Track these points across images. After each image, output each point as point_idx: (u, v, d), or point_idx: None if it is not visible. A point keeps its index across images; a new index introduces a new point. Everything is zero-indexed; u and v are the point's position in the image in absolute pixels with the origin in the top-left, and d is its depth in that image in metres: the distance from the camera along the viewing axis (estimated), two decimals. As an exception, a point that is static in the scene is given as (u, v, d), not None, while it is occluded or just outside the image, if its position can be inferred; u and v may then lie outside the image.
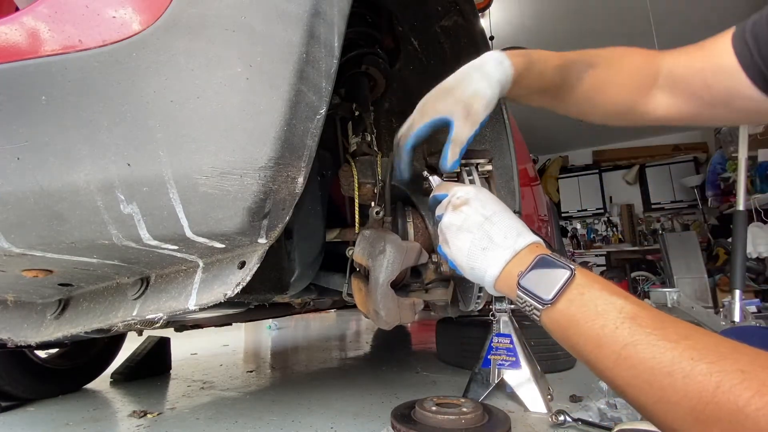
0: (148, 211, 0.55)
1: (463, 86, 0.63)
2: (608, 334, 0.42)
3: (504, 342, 1.32)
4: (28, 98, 0.51)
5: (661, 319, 0.41)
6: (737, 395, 0.33)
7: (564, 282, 0.47)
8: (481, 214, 0.56)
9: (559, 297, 0.47)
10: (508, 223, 0.55)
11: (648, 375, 0.39)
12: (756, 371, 0.34)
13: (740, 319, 2.09)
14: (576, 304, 0.46)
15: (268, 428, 1.12)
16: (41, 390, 1.52)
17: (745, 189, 2.29)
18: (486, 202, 0.57)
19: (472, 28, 1.02)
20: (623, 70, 0.70)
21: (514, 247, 0.52)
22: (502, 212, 0.56)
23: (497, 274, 0.53)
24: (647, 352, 0.39)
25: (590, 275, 0.48)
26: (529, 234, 0.54)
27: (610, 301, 0.44)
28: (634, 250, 6.24)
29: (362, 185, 0.85)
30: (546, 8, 3.95)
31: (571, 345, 0.47)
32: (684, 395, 0.36)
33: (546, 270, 0.49)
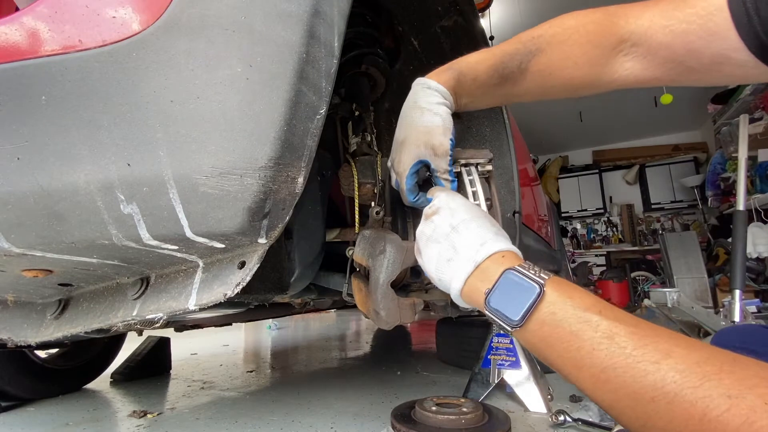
0: (148, 211, 0.55)
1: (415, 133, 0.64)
2: (585, 356, 0.40)
3: (504, 342, 1.32)
4: (28, 98, 0.51)
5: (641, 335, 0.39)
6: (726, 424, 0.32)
7: (532, 302, 0.44)
8: (449, 224, 0.54)
9: (528, 318, 0.44)
10: (474, 233, 0.52)
11: (630, 400, 0.37)
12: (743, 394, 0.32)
13: (740, 319, 2.09)
14: (548, 325, 0.44)
15: (268, 428, 1.12)
16: (41, 390, 1.52)
17: (745, 189, 2.29)
18: (455, 211, 0.56)
19: (472, 28, 1.02)
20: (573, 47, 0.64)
21: (474, 259, 0.50)
22: (471, 221, 0.54)
23: (460, 287, 0.51)
24: (627, 376, 0.37)
25: (564, 288, 0.45)
26: (494, 243, 0.51)
27: (584, 319, 0.41)
28: (634, 250, 6.24)
29: (362, 185, 0.85)
30: (546, 8, 3.95)
31: (548, 363, 0.45)
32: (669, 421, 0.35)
33: (512, 287, 0.46)
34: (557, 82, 0.66)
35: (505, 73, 0.66)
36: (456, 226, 0.54)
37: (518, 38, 0.66)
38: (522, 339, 0.47)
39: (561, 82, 0.66)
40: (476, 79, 0.66)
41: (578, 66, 0.64)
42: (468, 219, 0.54)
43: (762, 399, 0.31)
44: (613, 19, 0.62)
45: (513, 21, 4.08)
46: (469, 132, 1.17)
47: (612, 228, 6.65)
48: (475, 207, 0.58)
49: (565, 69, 0.65)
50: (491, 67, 0.66)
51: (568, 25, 0.65)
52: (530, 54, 0.65)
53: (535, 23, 0.67)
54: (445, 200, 0.58)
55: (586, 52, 0.63)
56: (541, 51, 0.65)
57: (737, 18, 0.53)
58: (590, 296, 0.44)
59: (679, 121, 6.04)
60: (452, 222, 0.54)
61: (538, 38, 0.65)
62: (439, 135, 0.63)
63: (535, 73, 0.66)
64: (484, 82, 0.66)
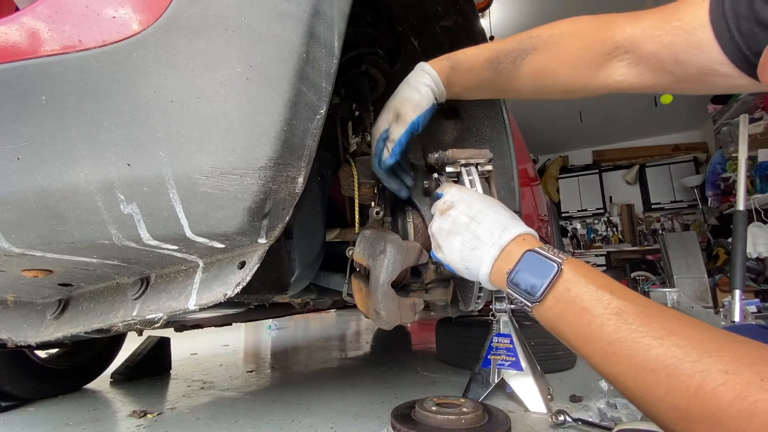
0: (148, 211, 0.55)
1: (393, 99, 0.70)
2: (594, 330, 0.43)
3: (504, 342, 1.32)
4: (28, 98, 0.51)
5: (648, 314, 0.41)
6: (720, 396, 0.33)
7: (550, 280, 0.47)
8: (466, 215, 0.57)
9: (546, 294, 0.48)
10: (493, 219, 0.56)
11: (633, 372, 0.39)
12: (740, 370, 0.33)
13: (740, 319, 2.09)
14: (563, 301, 0.47)
15: (268, 428, 1.12)
16: (41, 390, 1.52)
17: (745, 189, 2.29)
18: (471, 203, 0.59)
19: (472, 28, 1.02)
20: (569, 49, 0.67)
21: (499, 243, 0.53)
22: (487, 209, 0.57)
23: (488, 271, 0.54)
24: (631, 349, 0.40)
25: (579, 268, 0.48)
26: (515, 227, 0.54)
27: (596, 296, 0.44)
28: (634, 250, 6.23)
29: (362, 185, 0.85)
30: (545, 8, 3.95)
31: (562, 338, 0.48)
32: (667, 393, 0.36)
33: (533, 266, 0.50)
34: (551, 82, 0.69)
35: (499, 68, 0.69)
36: (474, 216, 0.57)
37: (516, 36, 0.69)
38: (539, 315, 0.50)
39: (554, 83, 0.69)
40: (471, 70, 0.70)
41: (572, 68, 0.67)
42: (484, 208, 0.57)
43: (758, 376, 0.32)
44: (610, 26, 0.64)
45: (513, 21, 4.08)
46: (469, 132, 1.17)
47: (612, 228, 6.65)
48: (486, 196, 0.61)
49: (559, 70, 0.67)
50: (486, 60, 0.69)
51: (565, 29, 0.68)
52: (525, 52, 0.67)
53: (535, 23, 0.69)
54: (457, 194, 0.61)
55: (580, 55, 0.66)
56: (536, 50, 0.67)
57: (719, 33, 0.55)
58: (605, 277, 0.47)
59: (679, 121, 6.04)
60: (470, 213, 0.57)
61: (536, 38, 0.68)
62: (408, 107, 0.68)
63: (529, 71, 0.68)
64: (479, 73, 0.70)
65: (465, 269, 0.58)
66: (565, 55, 0.67)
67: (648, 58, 0.62)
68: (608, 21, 0.65)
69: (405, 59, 1.12)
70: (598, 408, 1.09)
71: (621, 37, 0.63)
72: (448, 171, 0.75)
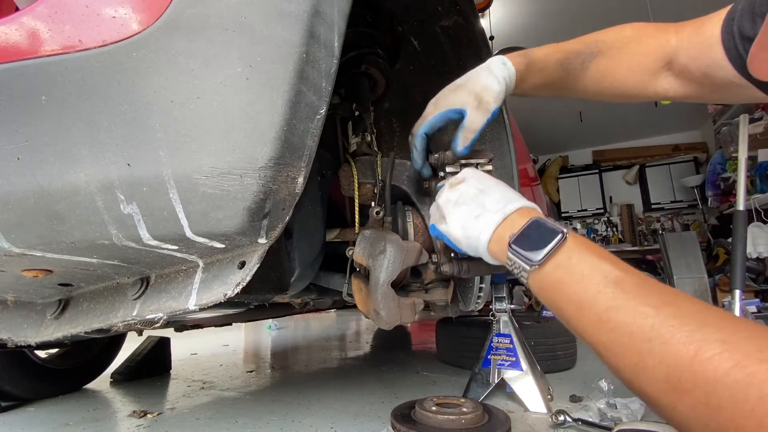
0: (148, 211, 0.55)
1: (474, 82, 0.68)
2: (591, 297, 0.43)
3: (504, 342, 1.32)
4: (28, 98, 0.51)
5: (646, 285, 0.41)
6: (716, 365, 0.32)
7: (554, 245, 0.47)
8: (476, 188, 0.59)
9: (548, 260, 0.47)
10: (501, 192, 0.56)
11: (626, 339, 0.39)
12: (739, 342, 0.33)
13: (740, 319, 2.09)
14: (563, 268, 0.47)
15: (268, 428, 1.12)
16: (41, 390, 1.52)
17: (745, 189, 2.29)
18: (482, 179, 0.60)
19: (472, 28, 1.02)
20: (631, 56, 0.70)
21: (504, 210, 0.54)
22: (497, 185, 0.58)
23: (489, 237, 0.54)
24: (627, 317, 0.39)
25: (582, 240, 0.48)
26: (522, 200, 0.55)
27: (596, 265, 0.44)
28: (634, 250, 6.23)
29: (362, 185, 0.85)
30: (546, 8, 3.95)
31: (555, 307, 0.48)
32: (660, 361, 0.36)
33: (537, 232, 0.50)
34: (610, 85, 0.73)
35: (568, 69, 0.72)
36: (483, 189, 0.58)
37: (581, 39, 0.73)
38: (535, 281, 0.49)
39: (614, 86, 0.73)
40: (543, 70, 0.71)
41: (631, 73, 0.71)
42: (494, 184, 0.59)
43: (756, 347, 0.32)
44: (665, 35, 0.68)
45: (513, 21, 4.08)
46: (469, 132, 1.17)
47: (612, 228, 6.65)
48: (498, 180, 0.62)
49: (620, 74, 0.71)
50: (558, 61, 0.71)
51: (626, 35, 0.71)
52: (592, 55, 0.71)
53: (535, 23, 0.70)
54: (470, 173, 0.63)
55: (639, 62, 0.70)
56: (601, 54, 0.71)
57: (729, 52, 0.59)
58: (605, 251, 0.47)
59: (679, 121, 6.04)
60: (479, 186, 0.59)
61: (601, 42, 0.71)
62: (490, 95, 0.67)
63: (593, 73, 0.72)
64: (550, 74, 0.72)
65: (465, 239, 0.57)
66: (626, 61, 0.70)
67: (682, 69, 0.67)
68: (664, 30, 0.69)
69: (405, 59, 1.12)
70: (598, 408, 1.09)
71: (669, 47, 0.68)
72: (448, 171, 0.75)
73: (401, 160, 0.87)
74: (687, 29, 0.66)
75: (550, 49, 0.72)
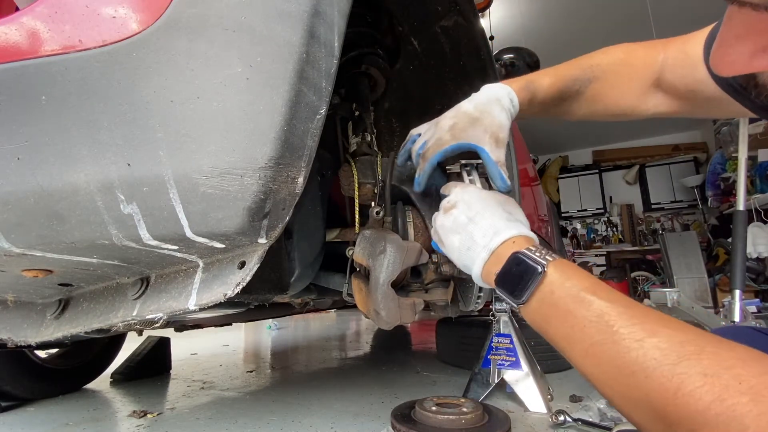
0: (148, 211, 0.55)
1: (489, 118, 0.67)
2: (577, 333, 0.44)
3: (504, 342, 1.32)
4: (28, 98, 0.51)
5: (630, 315, 0.41)
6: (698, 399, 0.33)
7: (534, 282, 0.48)
8: (466, 216, 0.59)
9: (531, 297, 0.49)
10: (488, 222, 0.57)
11: (613, 374, 0.40)
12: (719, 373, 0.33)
13: (740, 319, 2.09)
14: (546, 303, 0.48)
15: (268, 428, 1.12)
16: (41, 390, 1.52)
17: (745, 189, 2.29)
18: (471, 204, 0.60)
19: (472, 28, 1.02)
20: (623, 78, 0.73)
21: (489, 247, 0.55)
22: (485, 211, 0.59)
23: (479, 272, 0.56)
24: (612, 351, 0.40)
25: (565, 270, 0.49)
26: (508, 229, 0.55)
27: (579, 298, 0.45)
28: (634, 250, 6.23)
29: (362, 185, 0.85)
30: (546, 8, 3.95)
31: (547, 339, 0.49)
32: (645, 395, 0.37)
33: (518, 269, 0.51)
34: (602, 107, 0.75)
35: (565, 96, 0.74)
36: (472, 217, 0.59)
37: (579, 64, 0.74)
38: (526, 315, 0.51)
39: (606, 108, 0.75)
40: (544, 101, 0.73)
41: (623, 96, 0.73)
42: (482, 209, 0.59)
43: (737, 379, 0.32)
44: (654, 54, 0.70)
45: (513, 21, 4.08)
46: (469, 132, 1.17)
47: (612, 228, 6.65)
48: (488, 195, 0.62)
49: (612, 97, 0.74)
50: (557, 90, 0.73)
51: (618, 58, 0.74)
52: (588, 81, 0.73)
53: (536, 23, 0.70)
54: (460, 194, 0.63)
55: (631, 84, 0.72)
56: (596, 79, 0.73)
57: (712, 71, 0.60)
58: (589, 278, 0.47)
59: (679, 121, 6.03)
60: (469, 214, 0.59)
61: (596, 67, 0.73)
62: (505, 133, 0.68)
63: (588, 98, 0.74)
64: (549, 102, 0.74)
65: (462, 266, 0.60)
66: (618, 84, 0.73)
67: (669, 86, 0.69)
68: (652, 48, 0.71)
69: (405, 59, 1.12)
70: (598, 408, 1.09)
71: (657, 65, 0.69)
72: (448, 171, 0.75)
73: (401, 160, 0.86)
74: (672, 47, 0.68)
75: (551, 77, 0.73)
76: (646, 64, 0.71)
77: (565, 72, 0.74)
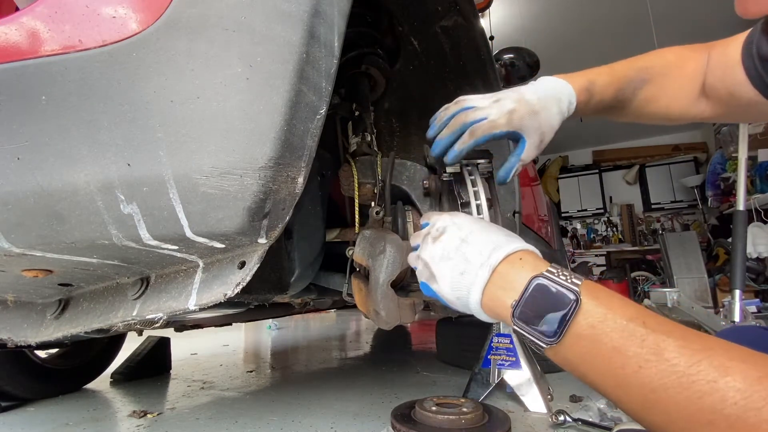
0: (148, 211, 0.55)
1: (546, 115, 0.64)
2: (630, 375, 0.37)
3: (504, 342, 1.32)
4: (28, 98, 0.51)
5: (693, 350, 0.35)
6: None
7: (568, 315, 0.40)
8: (457, 238, 0.51)
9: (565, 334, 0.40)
10: (484, 239, 0.49)
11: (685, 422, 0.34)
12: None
13: (740, 319, 2.09)
14: (586, 340, 0.39)
15: (268, 428, 1.12)
16: (41, 390, 1.52)
17: (745, 189, 2.29)
18: (462, 225, 0.53)
19: (472, 28, 1.02)
20: (675, 82, 0.71)
21: (489, 263, 0.46)
22: (479, 230, 0.51)
23: (479, 298, 0.47)
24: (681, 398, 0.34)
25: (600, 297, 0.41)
26: (509, 244, 0.48)
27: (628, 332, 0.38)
28: (634, 250, 6.23)
29: (362, 185, 0.85)
30: (546, 8, 3.95)
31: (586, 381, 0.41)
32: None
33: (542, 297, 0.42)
34: (653, 110, 0.73)
35: (620, 98, 0.72)
36: (465, 237, 0.51)
37: (632, 65, 0.72)
38: (557, 356, 0.42)
39: (657, 111, 0.73)
40: (600, 102, 0.71)
41: (676, 100, 0.72)
42: (477, 229, 0.52)
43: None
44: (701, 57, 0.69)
45: (513, 21, 4.08)
46: (469, 132, 1.17)
47: (612, 228, 6.65)
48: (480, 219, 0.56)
49: (663, 100, 0.72)
50: (613, 92, 0.71)
51: (670, 60, 0.72)
52: (642, 82, 0.71)
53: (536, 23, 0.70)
54: (448, 219, 0.55)
55: (683, 87, 0.71)
56: (650, 81, 0.71)
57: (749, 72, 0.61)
58: (631, 304, 0.40)
59: (679, 121, 6.03)
60: (461, 235, 0.51)
61: (650, 69, 0.72)
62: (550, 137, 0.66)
63: (640, 100, 0.72)
64: (605, 102, 0.71)
65: (456, 299, 0.50)
66: (670, 88, 0.71)
67: (710, 89, 0.68)
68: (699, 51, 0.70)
69: (405, 59, 1.12)
70: (598, 408, 1.08)
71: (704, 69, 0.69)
72: (448, 171, 0.75)
73: (401, 160, 0.87)
74: (715, 49, 0.68)
75: (608, 76, 0.70)
76: (696, 68, 0.70)
77: (622, 72, 0.71)
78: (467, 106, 0.65)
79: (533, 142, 0.63)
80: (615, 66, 0.72)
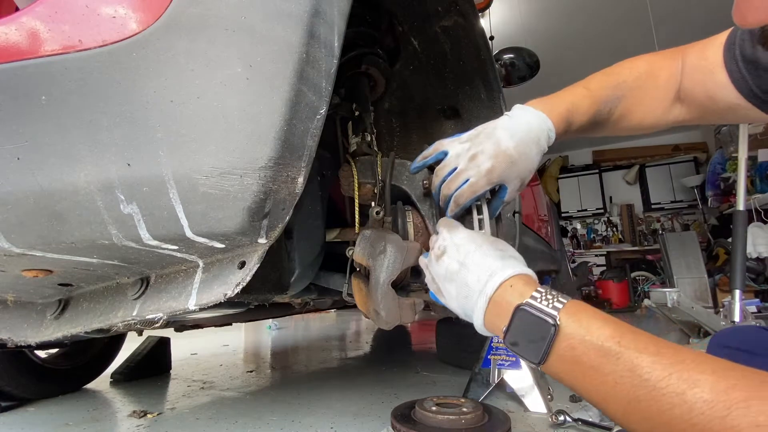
0: (148, 211, 0.55)
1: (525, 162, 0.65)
2: (609, 390, 0.41)
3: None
4: (28, 98, 0.51)
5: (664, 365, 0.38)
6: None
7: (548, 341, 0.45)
8: (457, 261, 0.56)
9: (548, 356, 0.45)
10: (480, 264, 0.54)
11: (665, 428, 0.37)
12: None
13: (740, 319, 2.09)
14: (568, 361, 0.44)
15: (268, 428, 1.12)
16: (41, 390, 1.52)
17: (745, 189, 2.29)
18: (460, 246, 0.57)
19: (472, 28, 1.02)
20: (648, 93, 0.71)
21: (485, 293, 0.51)
22: (475, 252, 0.56)
23: (481, 322, 0.53)
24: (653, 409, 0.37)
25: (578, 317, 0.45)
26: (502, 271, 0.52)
27: (603, 351, 0.41)
28: (634, 250, 6.23)
29: (362, 185, 0.85)
30: (546, 8, 3.95)
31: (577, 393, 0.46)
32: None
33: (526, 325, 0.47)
34: (627, 124, 0.74)
35: (597, 119, 0.72)
36: (463, 261, 0.56)
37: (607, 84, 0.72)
38: (546, 371, 0.47)
39: (630, 124, 0.74)
40: (580, 126, 0.72)
41: (650, 110, 0.72)
42: (473, 251, 0.56)
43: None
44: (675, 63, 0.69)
45: (513, 21, 4.08)
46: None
47: (612, 228, 6.65)
48: (476, 235, 0.59)
49: (637, 113, 0.72)
50: (592, 115, 0.71)
51: (642, 71, 0.72)
52: (617, 100, 0.71)
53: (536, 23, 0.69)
54: (448, 237, 0.60)
55: (655, 98, 0.71)
56: (624, 97, 0.71)
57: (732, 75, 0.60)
58: (608, 324, 0.44)
59: (679, 121, 6.03)
60: (459, 258, 0.56)
61: (623, 84, 0.71)
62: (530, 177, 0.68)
63: (616, 117, 0.73)
64: (583, 126, 0.72)
65: (464, 315, 0.57)
66: (644, 100, 0.72)
67: (687, 94, 0.68)
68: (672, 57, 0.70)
69: (405, 59, 1.12)
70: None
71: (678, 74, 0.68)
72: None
73: (401, 160, 0.87)
74: (691, 53, 0.67)
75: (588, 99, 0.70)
76: (669, 75, 0.69)
77: (599, 93, 0.71)
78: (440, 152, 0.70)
79: (514, 187, 0.67)
80: (591, 84, 0.72)
